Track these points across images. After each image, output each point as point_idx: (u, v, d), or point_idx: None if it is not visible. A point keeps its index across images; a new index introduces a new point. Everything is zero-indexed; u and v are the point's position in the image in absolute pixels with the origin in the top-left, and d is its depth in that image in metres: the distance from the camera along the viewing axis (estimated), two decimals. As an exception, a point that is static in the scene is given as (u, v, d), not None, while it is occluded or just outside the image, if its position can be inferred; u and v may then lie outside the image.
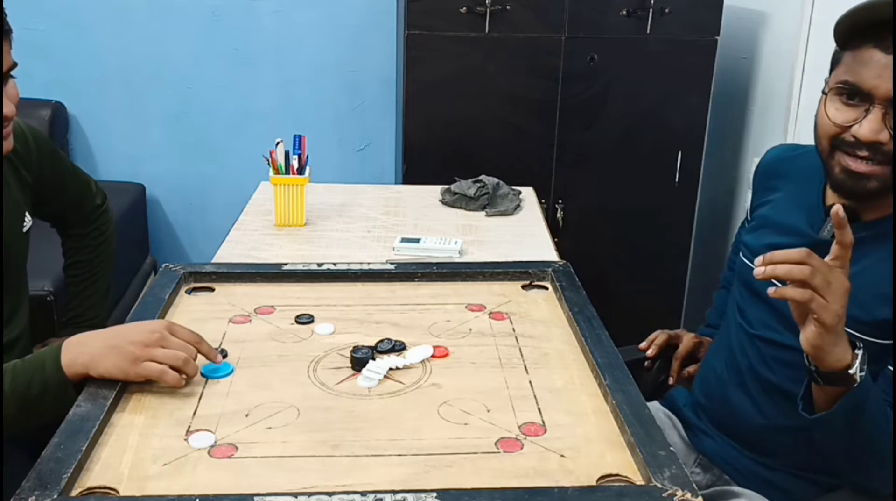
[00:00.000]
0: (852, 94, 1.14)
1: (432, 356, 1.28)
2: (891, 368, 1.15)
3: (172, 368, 1.15)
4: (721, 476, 1.40)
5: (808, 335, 1.04)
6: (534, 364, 1.26)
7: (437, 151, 2.59)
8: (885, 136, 1.10)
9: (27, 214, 1.53)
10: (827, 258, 1.04)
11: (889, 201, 1.18)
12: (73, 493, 0.95)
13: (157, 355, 1.15)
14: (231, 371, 1.22)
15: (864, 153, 1.13)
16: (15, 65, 1.33)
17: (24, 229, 1.51)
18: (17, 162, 1.50)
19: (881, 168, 1.13)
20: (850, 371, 1.04)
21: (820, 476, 1.30)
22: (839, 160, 1.17)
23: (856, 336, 1.11)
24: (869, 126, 1.11)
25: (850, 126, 1.14)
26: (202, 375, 1.20)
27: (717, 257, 2.96)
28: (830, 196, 1.26)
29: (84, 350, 1.15)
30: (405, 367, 1.24)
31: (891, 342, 1.15)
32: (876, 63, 1.11)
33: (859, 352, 1.05)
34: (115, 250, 1.79)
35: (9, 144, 1.37)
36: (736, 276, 1.46)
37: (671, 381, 1.58)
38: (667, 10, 2.51)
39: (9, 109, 1.32)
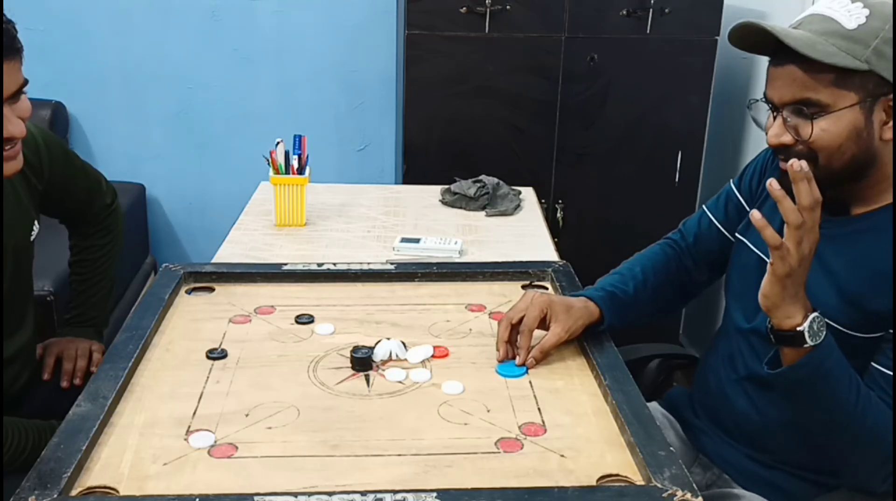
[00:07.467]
0: (770, 107, 1.23)
1: (432, 356, 1.28)
2: (877, 365, 1.16)
3: None
4: (721, 476, 1.40)
5: (762, 284, 1.09)
6: (534, 364, 1.26)
7: (437, 151, 2.59)
8: (787, 138, 1.18)
9: (35, 222, 1.52)
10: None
11: (875, 193, 1.21)
12: (73, 493, 0.96)
13: None
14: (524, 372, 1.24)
15: (781, 157, 1.22)
16: (26, 82, 1.27)
17: (32, 238, 1.50)
18: (28, 171, 1.45)
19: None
20: (799, 329, 1.08)
21: (818, 475, 1.30)
22: (778, 165, 1.25)
23: (841, 328, 1.17)
24: (771, 132, 1.20)
25: None
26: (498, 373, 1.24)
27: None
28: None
29: None
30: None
31: (872, 335, 1.17)
32: (771, 75, 1.21)
33: (812, 315, 1.09)
34: (121, 249, 1.77)
35: (18, 163, 1.31)
36: (734, 271, 1.46)
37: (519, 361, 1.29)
38: (667, 10, 2.51)
39: (18, 128, 1.26)
